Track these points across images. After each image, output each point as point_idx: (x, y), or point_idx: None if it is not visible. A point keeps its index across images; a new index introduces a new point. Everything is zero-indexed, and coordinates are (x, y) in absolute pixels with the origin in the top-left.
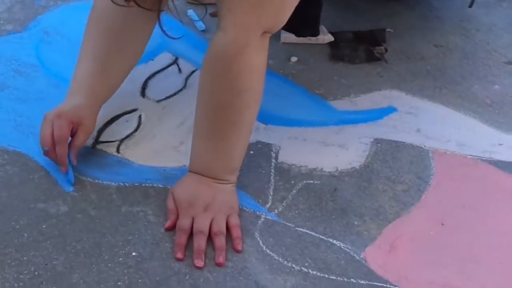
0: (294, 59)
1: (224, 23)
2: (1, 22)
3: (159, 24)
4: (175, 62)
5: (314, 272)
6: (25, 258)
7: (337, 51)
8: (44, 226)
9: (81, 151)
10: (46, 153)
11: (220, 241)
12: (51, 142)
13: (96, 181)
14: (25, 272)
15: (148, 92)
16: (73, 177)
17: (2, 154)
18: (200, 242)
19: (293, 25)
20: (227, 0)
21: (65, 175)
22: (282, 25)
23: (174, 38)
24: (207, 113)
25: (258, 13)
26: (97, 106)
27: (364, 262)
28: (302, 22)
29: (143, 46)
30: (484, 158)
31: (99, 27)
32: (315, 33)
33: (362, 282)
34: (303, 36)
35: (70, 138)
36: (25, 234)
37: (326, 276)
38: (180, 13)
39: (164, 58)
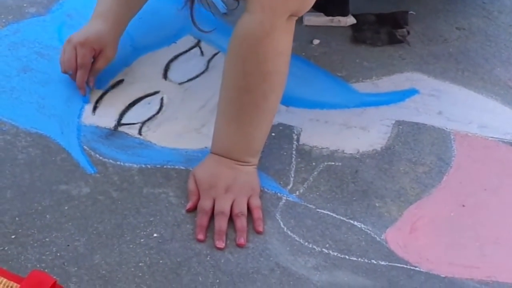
0: (316, 41)
1: (251, 6)
2: (25, 5)
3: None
4: (197, 45)
5: (335, 253)
6: (47, 239)
7: (359, 33)
8: (66, 208)
9: (103, 133)
10: (69, 75)
11: (241, 222)
12: (75, 67)
13: (118, 163)
14: (47, 253)
15: (170, 74)
16: (88, 98)
17: (25, 136)
18: (221, 223)
19: (322, 5)
20: None
21: (82, 97)
22: (309, 8)
23: (206, 32)
24: (231, 96)
25: None
26: (118, 32)
27: (384, 243)
28: (330, 1)
29: None
30: (505, 140)
31: None
32: (344, 13)
33: (383, 263)
34: (332, 16)
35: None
36: (47, 216)
37: (347, 257)
38: None
39: (187, 41)
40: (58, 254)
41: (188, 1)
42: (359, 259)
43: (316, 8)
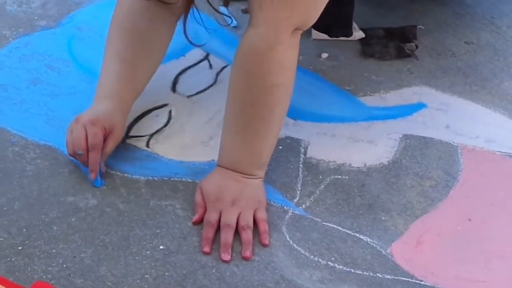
0: (324, 55)
1: (255, 20)
2: (35, 18)
3: (184, 30)
4: (206, 58)
5: (340, 267)
6: (53, 250)
7: (368, 47)
8: (73, 219)
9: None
10: (78, 156)
11: (247, 235)
12: (85, 147)
13: (125, 175)
14: (54, 264)
15: (179, 87)
16: (100, 182)
17: (34, 148)
18: (227, 236)
19: (325, 26)
20: None
21: (93, 180)
22: (314, 22)
23: (197, 46)
24: (237, 109)
25: (290, 10)
26: (125, 112)
27: (390, 257)
28: (334, 22)
29: (167, 45)
30: None
31: (124, 28)
32: (348, 34)
33: (388, 277)
34: (336, 37)
35: None
36: (55, 227)
37: (352, 270)
38: (212, 9)
39: (195, 54)
40: (65, 265)
41: (183, 15)
42: (365, 272)
43: (320, 29)
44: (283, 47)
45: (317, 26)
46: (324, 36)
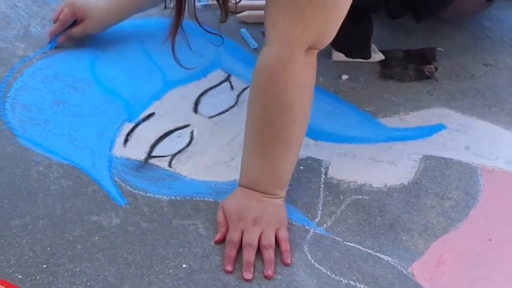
0: (344, 77)
1: (269, 39)
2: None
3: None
4: (227, 79)
5: (362, 286)
6: (77, 269)
7: (388, 69)
8: (96, 238)
9: (134, 165)
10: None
11: (269, 254)
12: (56, 19)
13: (148, 194)
14: (78, 282)
15: (200, 108)
16: (52, 48)
17: (57, 167)
18: (249, 255)
19: (344, 47)
20: (272, 16)
21: (49, 44)
22: (329, 41)
23: (188, 68)
24: (255, 128)
25: (302, 28)
26: (110, 16)
27: (411, 276)
28: (352, 44)
29: None
30: None
31: None
32: (366, 56)
33: None
34: (353, 58)
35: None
36: (78, 246)
37: None
38: (233, 32)
39: (217, 75)
40: (88, 283)
41: (170, 35)
42: None
43: (338, 50)
44: (298, 65)
45: (336, 45)
46: (344, 58)
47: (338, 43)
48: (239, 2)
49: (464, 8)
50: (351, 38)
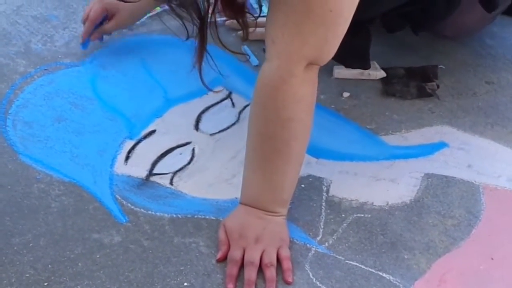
0: (346, 94)
1: (269, 54)
2: (60, 56)
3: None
4: (228, 96)
5: None
6: (79, 287)
7: (389, 86)
8: (98, 256)
9: (135, 183)
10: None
11: (271, 272)
12: (86, 18)
13: (149, 212)
14: None
15: (201, 125)
16: (86, 48)
17: (58, 185)
18: (251, 273)
19: (342, 57)
20: (272, 33)
21: (82, 44)
22: (329, 57)
23: (215, 91)
24: (255, 144)
25: (301, 43)
26: (140, 7)
27: None
28: (350, 53)
29: None
30: None
31: None
32: (365, 66)
33: None
34: (352, 68)
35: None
36: (79, 264)
37: None
38: (235, 49)
39: (218, 92)
40: None
41: (197, 62)
42: None
43: (337, 59)
44: (297, 80)
45: (335, 56)
46: (345, 75)
47: (337, 53)
48: (257, 18)
49: (465, 24)
50: (350, 48)
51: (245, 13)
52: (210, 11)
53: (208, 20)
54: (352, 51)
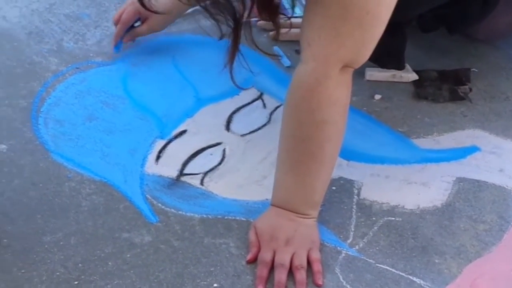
0: (378, 96)
1: (304, 56)
2: (91, 54)
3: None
4: (260, 97)
5: None
6: (109, 286)
7: (421, 89)
8: (128, 255)
9: (165, 182)
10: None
11: (301, 275)
12: (118, 20)
13: (180, 212)
14: None
15: (232, 126)
16: (119, 50)
17: (89, 183)
18: (281, 275)
19: (377, 57)
20: (308, 35)
21: (114, 47)
22: (364, 60)
23: (243, 89)
24: (288, 145)
25: (337, 45)
26: (173, 12)
27: None
28: (386, 54)
29: None
30: None
31: None
32: (400, 67)
33: None
34: (387, 68)
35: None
36: (110, 263)
37: None
38: (266, 50)
39: (250, 93)
40: None
41: (229, 62)
42: None
43: (371, 60)
44: (332, 82)
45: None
46: (377, 78)
47: (372, 53)
48: (290, 18)
49: (498, 27)
50: (385, 48)
51: (279, 14)
52: (245, 14)
53: (243, 21)
54: (388, 51)
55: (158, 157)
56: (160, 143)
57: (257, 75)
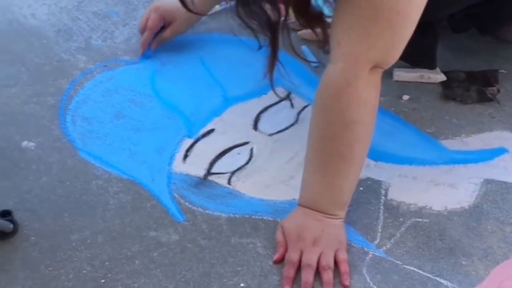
0: (406, 97)
1: (334, 56)
2: (119, 52)
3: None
4: (287, 97)
5: None
6: (135, 284)
7: (449, 90)
8: (155, 254)
9: (193, 181)
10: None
11: (328, 275)
12: (144, 27)
13: (207, 211)
14: None
15: (260, 125)
16: (146, 58)
17: (117, 181)
18: (308, 275)
19: (409, 56)
20: (337, 34)
21: (142, 54)
22: (394, 61)
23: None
24: (316, 145)
25: (367, 46)
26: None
27: None
28: (417, 53)
29: None
30: None
31: None
32: (432, 66)
33: None
34: (419, 67)
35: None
36: (137, 261)
37: None
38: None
39: (277, 93)
40: None
41: (268, 72)
42: None
43: (403, 59)
44: (362, 82)
45: (401, 55)
46: (405, 78)
47: (404, 52)
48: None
49: None
50: (416, 47)
51: (321, 21)
52: (281, 21)
53: (279, 30)
54: (419, 51)
55: (185, 156)
56: (188, 142)
57: (290, 81)
